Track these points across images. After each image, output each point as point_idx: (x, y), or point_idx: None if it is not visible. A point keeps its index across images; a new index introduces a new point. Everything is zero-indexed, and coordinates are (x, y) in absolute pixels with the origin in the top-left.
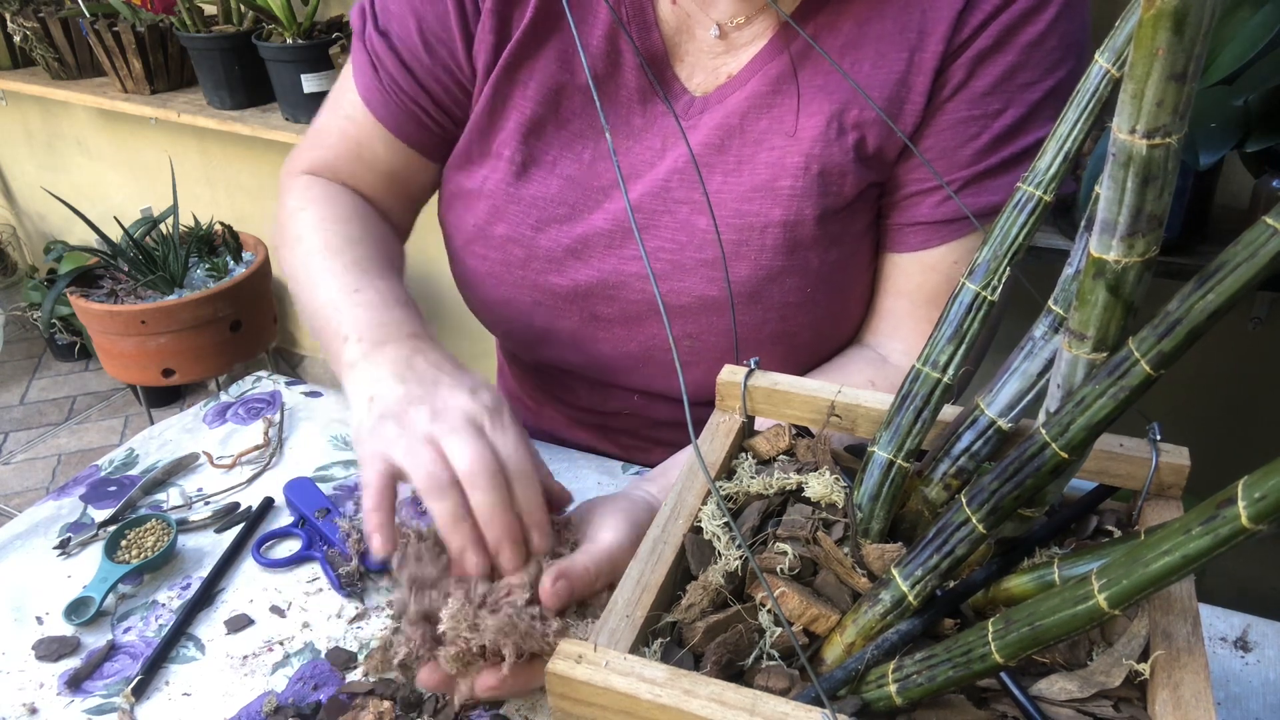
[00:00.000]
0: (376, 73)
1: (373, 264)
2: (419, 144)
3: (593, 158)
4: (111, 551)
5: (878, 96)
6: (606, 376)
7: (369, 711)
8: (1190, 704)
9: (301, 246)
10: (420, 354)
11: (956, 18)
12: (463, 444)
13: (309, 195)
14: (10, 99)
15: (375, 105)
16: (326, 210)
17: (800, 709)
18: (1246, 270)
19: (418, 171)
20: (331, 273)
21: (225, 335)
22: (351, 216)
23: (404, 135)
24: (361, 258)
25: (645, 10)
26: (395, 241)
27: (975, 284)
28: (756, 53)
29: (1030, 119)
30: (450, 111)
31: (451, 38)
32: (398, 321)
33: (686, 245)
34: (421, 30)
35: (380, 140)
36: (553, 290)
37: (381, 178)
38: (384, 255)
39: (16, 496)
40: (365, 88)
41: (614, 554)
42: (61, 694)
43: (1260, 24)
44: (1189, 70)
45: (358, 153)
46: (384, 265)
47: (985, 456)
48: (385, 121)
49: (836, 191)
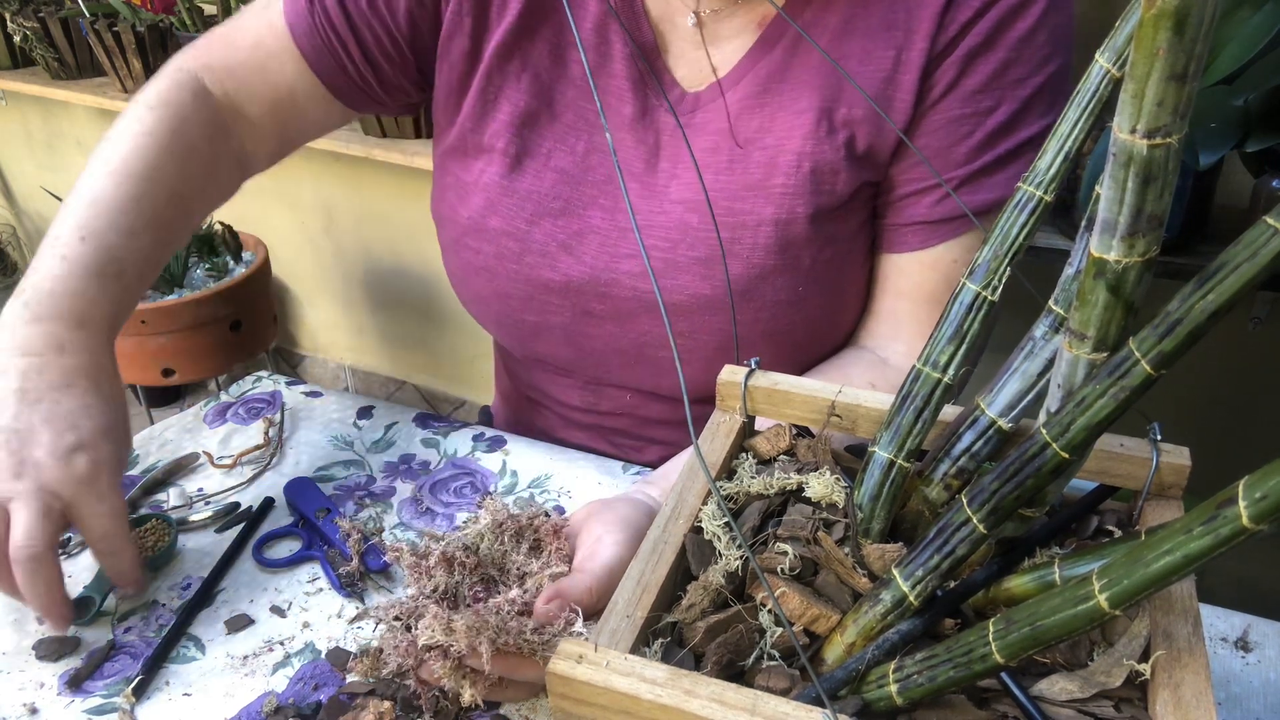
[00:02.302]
0: (310, 3)
1: (141, 211)
2: (329, 79)
3: (586, 150)
4: None
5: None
6: (599, 374)
7: (369, 711)
8: (1191, 704)
9: (104, 147)
10: (66, 354)
11: (941, 13)
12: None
13: (172, 105)
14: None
15: (299, 34)
16: (163, 133)
17: (801, 709)
18: (1246, 270)
19: (314, 102)
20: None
21: (225, 335)
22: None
23: (318, 69)
24: (140, 195)
25: (634, 0)
26: (217, 181)
27: (975, 284)
28: (746, 50)
29: (1023, 115)
30: (376, 63)
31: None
32: (79, 295)
33: (679, 243)
34: None
35: (292, 61)
36: (545, 284)
37: (274, 96)
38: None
39: None
40: (294, 15)
41: (615, 571)
42: (61, 694)
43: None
44: (1189, 70)
45: (264, 64)
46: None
47: (986, 456)
48: (305, 52)
49: (829, 190)
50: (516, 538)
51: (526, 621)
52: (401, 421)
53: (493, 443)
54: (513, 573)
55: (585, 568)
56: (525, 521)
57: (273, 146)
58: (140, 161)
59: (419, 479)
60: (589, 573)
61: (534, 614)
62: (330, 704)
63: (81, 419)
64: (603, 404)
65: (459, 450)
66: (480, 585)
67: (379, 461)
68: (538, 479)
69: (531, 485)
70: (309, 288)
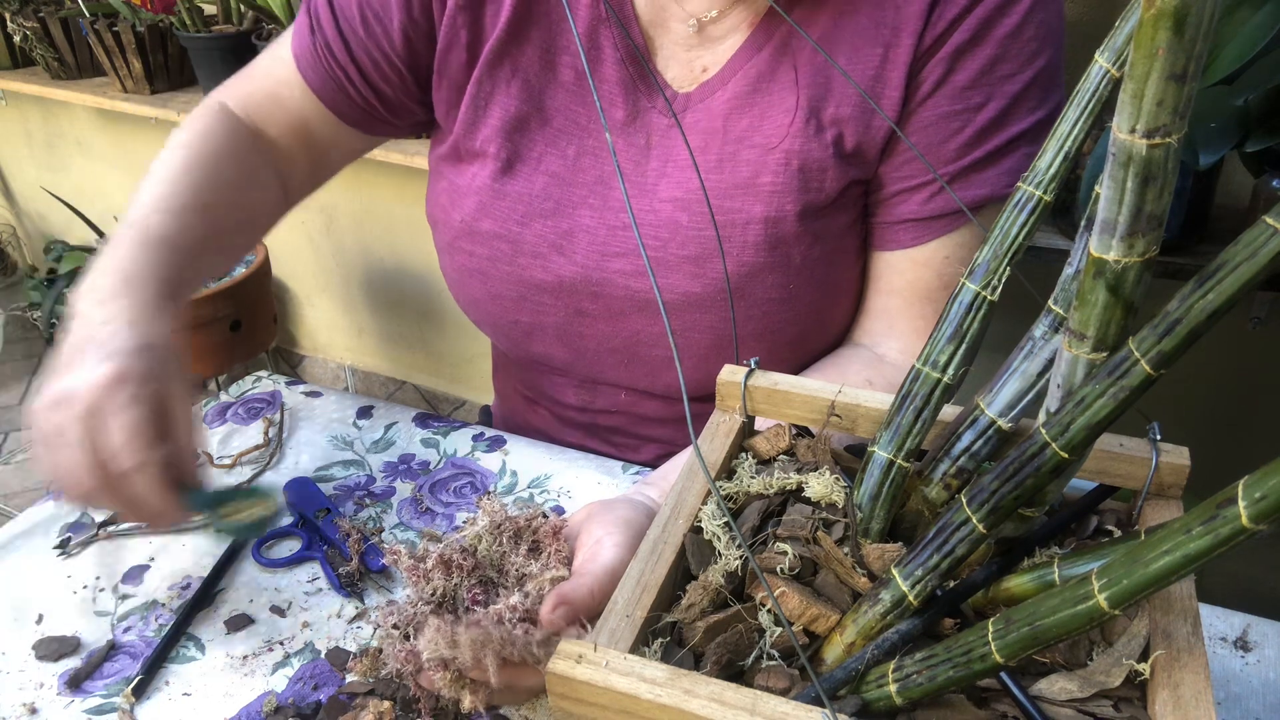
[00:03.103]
0: (313, 34)
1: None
2: (336, 106)
3: (577, 153)
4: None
5: (854, 92)
6: (593, 373)
7: (369, 711)
8: (1190, 704)
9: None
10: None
11: (928, 11)
12: (65, 455)
13: (199, 125)
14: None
15: (304, 65)
16: (203, 142)
17: (800, 709)
18: (1246, 270)
19: (326, 126)
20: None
21: (225, 335)
22: (222, 156)
23: (324, 97)
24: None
25: (624, 4)
26: (260, 189)
27: (975, 284)
28: (736, 50)
29: (1012, 110)
30: (377, 87)
31: (389, 21)
32: (125, 262)
33: (669, 242)
34: (361, 6)
35: (300, 89)
36: (537, 285)
37: (291, 122)
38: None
39: (16, 496)
40: (299, 47)
41: (616, 573)
42: (61, 694)
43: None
44: (1189, 70)
45: (276, 91)
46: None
47: (985, 456)
48: (310, 82)
49: (818, 187)
50: (515, 539)
51: (534, 632)
52: (401, 421)
53: (492, 443)
54: (512, 574)
55: (586, 570)
56: (524, 523)
57: (304, 169)
58: (176, 165)
59: (419, 479)
60: (590, 575)
61: (540, 622)
62: (330, 704)
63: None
64: (598, 402)
65: (459, 450)
66: (479, 587)
67: (379, 461)
68: (537, 479)
69: (531, 485)
70: (309, 288)
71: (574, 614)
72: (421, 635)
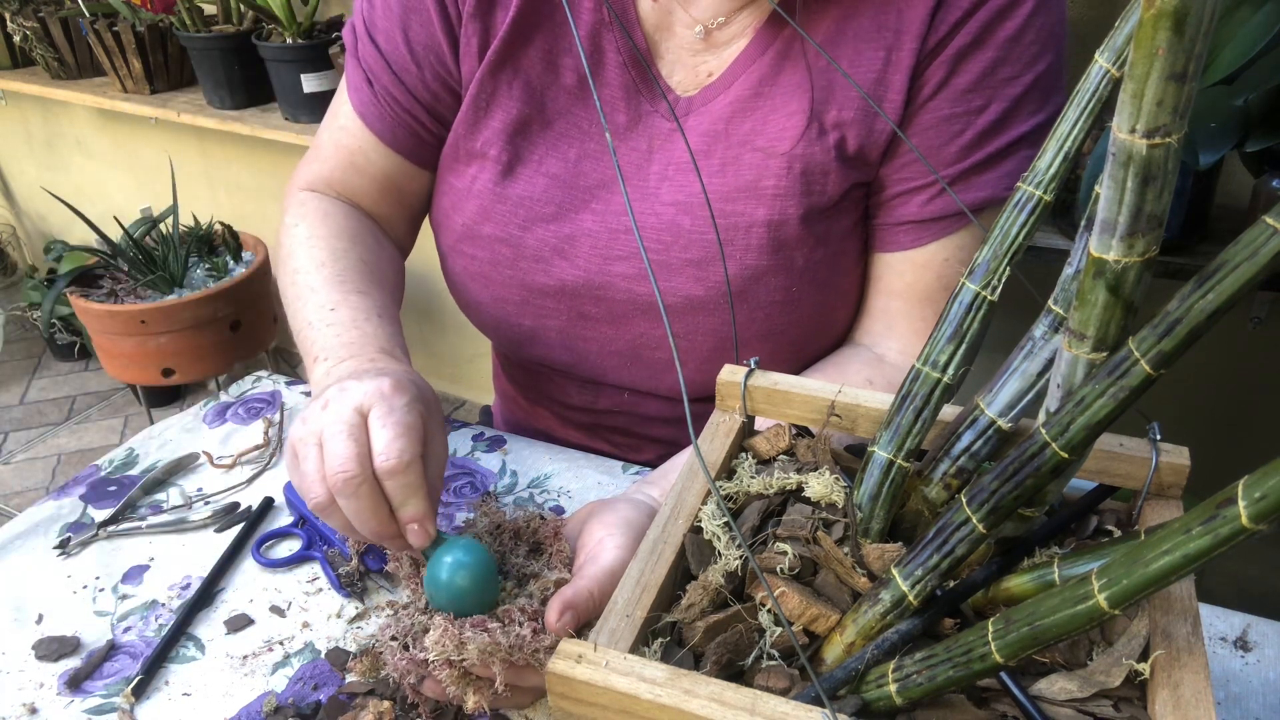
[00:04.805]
0: (371, 86)
1: (354, 276)
2: (411, 153)
3: (578, 157)
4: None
5: (857, 95)
6: (596, 375)
7: (369, 711)
8: (1190, 704)
9: (289, 264)
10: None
11: (930, 15)
12: (331, 447)
13: (303, 211)
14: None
15: (370, 118)
16: (318, 226)
17: (800, 709)
18: (1246, 270)
19: (411, 179)
20: (312, 289)
21: (225, 335)
22: (341, 231)
23: (397, 145)
24: (344, 270)
25: (627, 8)
26: (387, 252)
27: (975, 284)
28: (739, 54)
29: (1013, 114)
30: (443, 119)
31: (438, 44)
32: (366, 339)
33: (672, 245)
34: (409, 42)
35: (374, 149)
36: (539, 289)
37: (377, 186)
38: (369, 267)
39: (16, 496)
40: (360, 101)
41: (617, 574)
42: (61, 694)
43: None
44: (1189, 70)
45: (352, 161)
46: (366, 278)
47: (985, 456)
48: (380, 134)
49: (820, 191)
50: (515, 538)
51: (544, 638)
52: None
53: (492, 443)
54: (512, 574)
55: (587, 571)
56: (522, 524)
57: (403, 226)
58: (321, 252)
59: None
60: (591, 577)
61: (548, 627)
62: (330, 704)
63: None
64: (600, 403)
65: (459, 450)
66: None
67: None
68: (537, 479)
69: (531, 485)
70: None
71: (580, 619)
72: (427, 636)
